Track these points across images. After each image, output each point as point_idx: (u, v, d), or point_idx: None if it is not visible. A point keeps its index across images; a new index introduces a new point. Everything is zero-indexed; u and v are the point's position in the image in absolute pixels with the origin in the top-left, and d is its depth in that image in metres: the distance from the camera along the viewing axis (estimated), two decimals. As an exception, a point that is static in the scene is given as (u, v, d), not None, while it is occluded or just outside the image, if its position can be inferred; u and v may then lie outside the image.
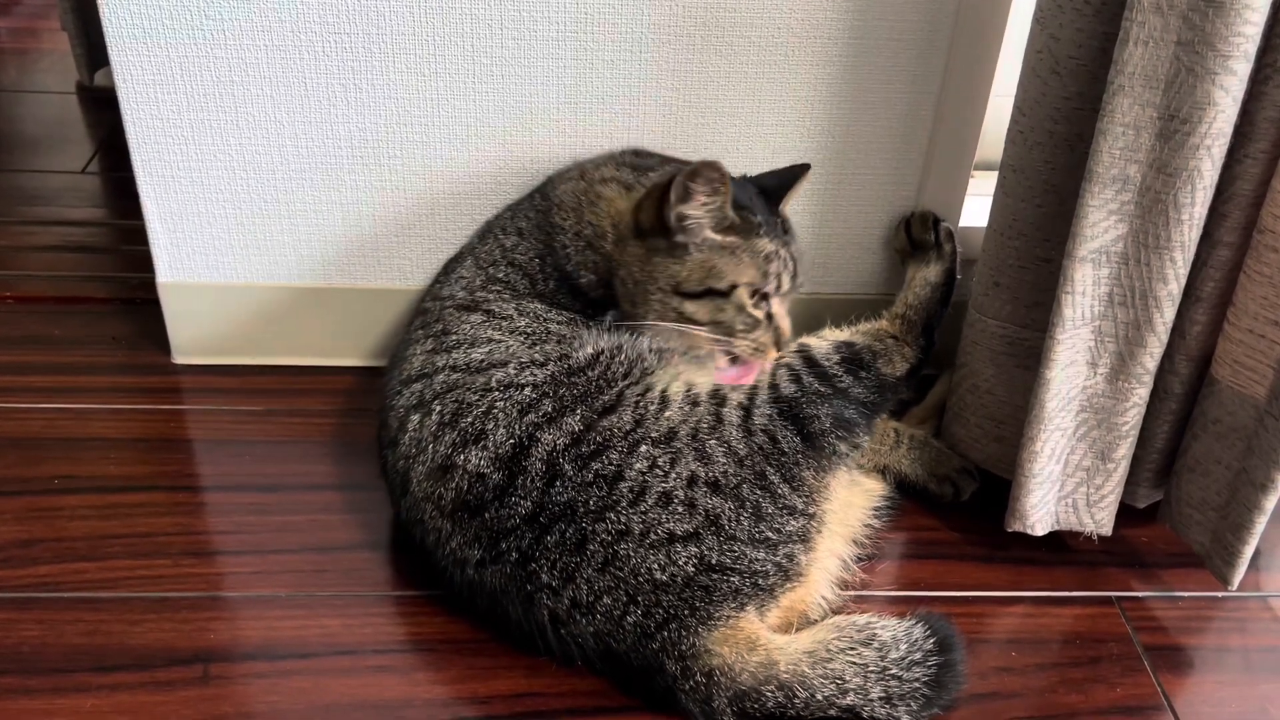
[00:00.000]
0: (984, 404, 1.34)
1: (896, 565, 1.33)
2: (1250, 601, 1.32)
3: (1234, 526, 1.21)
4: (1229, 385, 1.20)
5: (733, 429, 1.19)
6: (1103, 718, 1.16)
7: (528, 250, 1.33)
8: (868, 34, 1.40)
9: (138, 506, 1.33)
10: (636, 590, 1.10)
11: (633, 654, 1.11)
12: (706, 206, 1.23)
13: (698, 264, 1.25)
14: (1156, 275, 1.13)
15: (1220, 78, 1.02)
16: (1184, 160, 1.07)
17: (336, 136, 1.43)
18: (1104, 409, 1.23)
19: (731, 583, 1.12)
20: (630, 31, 1.38)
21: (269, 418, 1.50)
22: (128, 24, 1.34)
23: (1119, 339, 1.19)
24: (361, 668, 1.16)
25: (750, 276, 1.26)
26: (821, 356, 1.27)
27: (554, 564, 1.12)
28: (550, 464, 1.14)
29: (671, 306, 1.26)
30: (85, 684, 1.11)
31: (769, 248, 1.27)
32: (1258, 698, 1.20)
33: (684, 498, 1.13)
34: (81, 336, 1.64)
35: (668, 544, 1.11)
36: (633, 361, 1.24)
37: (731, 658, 1.09)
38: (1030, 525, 1.29)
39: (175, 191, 1.46)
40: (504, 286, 1.31)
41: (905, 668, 1.10)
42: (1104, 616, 1.28)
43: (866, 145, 1.49)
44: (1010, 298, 1.28)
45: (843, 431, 1.22)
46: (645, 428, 1.17)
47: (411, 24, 1.36)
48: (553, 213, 1.34)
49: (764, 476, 1.17)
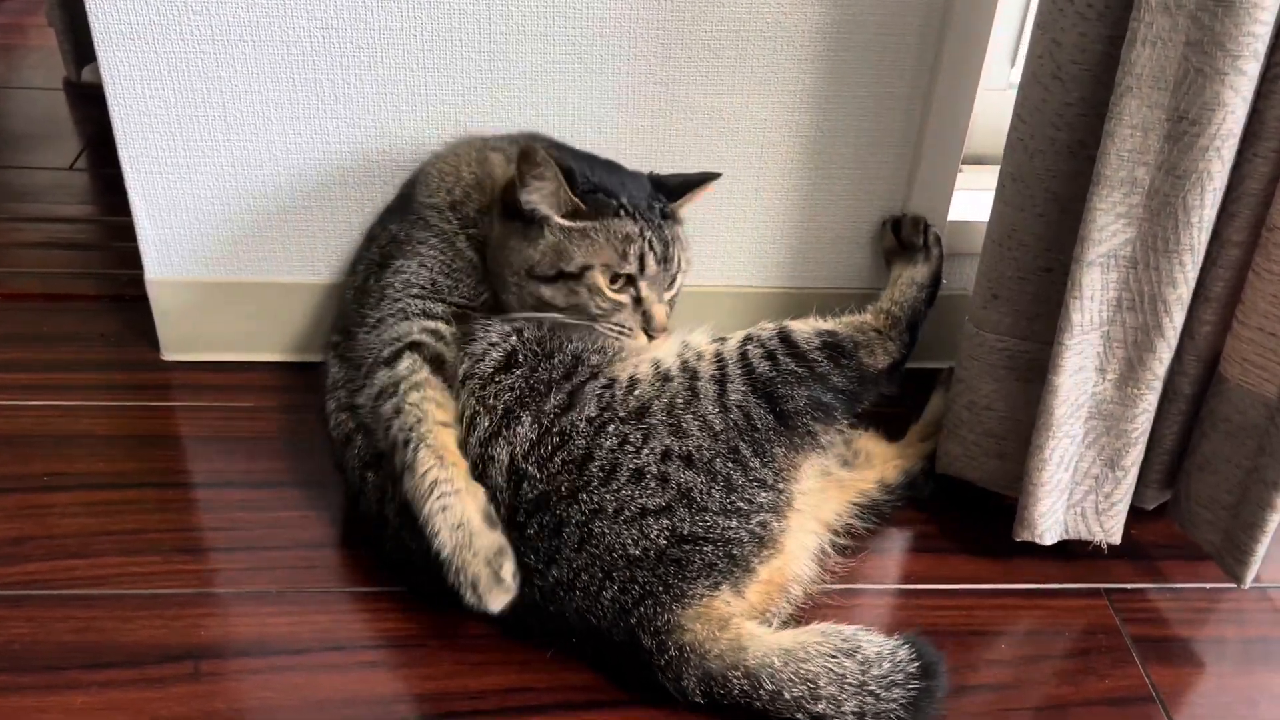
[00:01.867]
0: (982, 420, 1.32)
1: (887, 558, 1.34)
2: (1238, 593, 1.32)
3: (1246, 525, 1.21)
4: (1239, 384, 1.20)
5: (709, 403, 1.20)
6: (1092, 709, 1.17)
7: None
8: (856, 28, 1.40)
9: (128, 503, 1.33)
10: (612, 566, 1.12)
11: (612, 630, 1.12)
12: (542, 192, 1.21)
13: (550, 247, 1.23)
14: (1166, 279, 1.13)
15: (1230, 78, 1.01)
16: (1193, 162, 1.06)
17: (325, 132, 1.43)
18: (1113, 415, 1.22)
19: (705, 555, 1.13)
20: (619, 27, 1.38)
21: (259, 414, 1.49)
22: (115, 20, 1.34)
23: (1128, 344, 1.18)
24: (353, 663, 1.16)
25: (605, 258, 1.23)
26: (802, 340, 1.28)
27: (538, 550, 1.13)
28: (513, 473, 1.15)
29: (528, 291, 1.24)
30: (76, 681, 1.11)
31: (628, 229, 1.23)
32: (1246, 688, 1.21)
33: (657, 472, 1.15)
34: (70, 333, 1.63)
35: (640, 519, 1.13)
36: (576, 357, 1.23)
37: (703, 634, 1.10)
38: (1039, 535, 1.28)
39: (163, 188, 1.46)
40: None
41: (885, 687, 1.08)
42: (1093, 609, 1.29)
43: (854, 140, 1.49)
44: (1010, 310, 1.26)
45: (819, 414, 1.23)
46: (612, 409, 1.18)
47: (399, 19, 1.36)
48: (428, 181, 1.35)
49: (736, 450, 1.18)
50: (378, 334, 1.24)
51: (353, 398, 1.24)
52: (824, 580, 1.25)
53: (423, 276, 1.28)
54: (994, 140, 1.57)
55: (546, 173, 1.20)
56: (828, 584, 1.26)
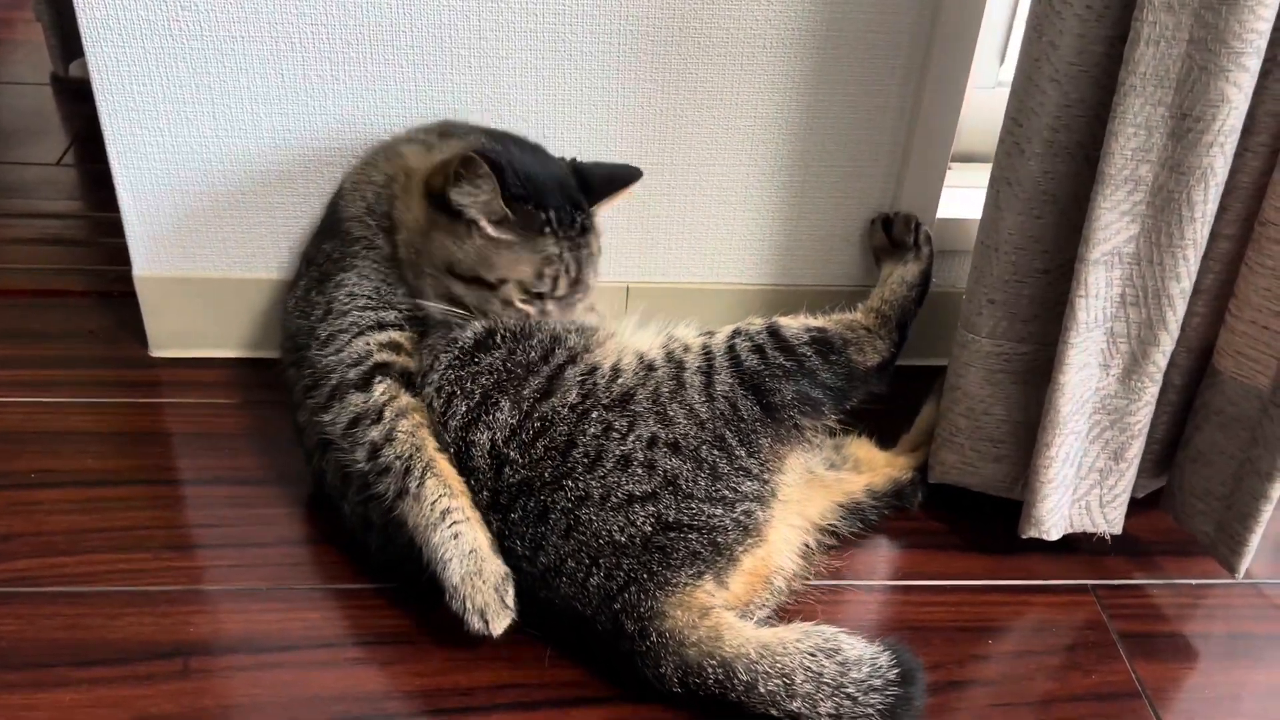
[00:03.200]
0: (980, 426, 1.32)
1: (875, 554, 1.34)
2: (1224, 588, 1.33)
3: (1240, 516, 1.23)
4: (1232, 376, 1.21)
5: (695, 392, 1.20)
6: (1078, 704, 1.17)
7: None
8: (846, 27, 1.41)
9: (116, 500, 1.33)
10: (598, 553, 1.13)
11: (597, 617, 1.12)
12: (476, 197, 1.20)
13: (476, 251, 1.23)
14: (1169, 273, 1.13)
15: (1233, 74, 1.02)
16: (1198, 158, 1.06)
17: (314, 128, 1.43)
18: (1117, 409, 1.23)
19: (690, 542, 1.14)
20: (608, 24, 1.38)
21: (247, 411, 1.49)
22: (102, 14, 1.33)
23: (1131, 339, 1.19)
24: (342, 660, 1.16)
25: (523, 275, 1.23)
26: (791, 335, 1.28)
27: (523, 537, 1.14)
28: (494, 456, 1.16)
29: (444, 284, 1.24)
30: (65, 678, 1.11)
31: (550, 250, 1.23)
32: (1230, 683, 1.22)
33: (643, 459, 1.16)
34: (58, 330, 1.63)
35: (627, 505, 1.14)
36: (553, 339, 1.24)
37: (683, 621, 1.10)
38: (1045, 530, 1.29)
39: (151, 184, 1.45)
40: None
41: (863, 690, 1.08)
42: (1079, 605, 1.30)
43: (844, 138, 1.50)
44: (1006, 314, 1.25)
45: (806, 408, 1.24)
46: (595, 397, 1.18)
47: (388, 15, 1.36)
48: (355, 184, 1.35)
49: (723, 439, 1.19)
50: (334, 351, 1.23)
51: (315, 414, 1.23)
52: (810, 576, 1.26)
53: (365, 287, 1.28)
54: (982, 138, 1.58)
55: (485, 185, 1.19)
56: (815, 580, 1.26)
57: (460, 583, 1.11)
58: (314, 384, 1.24)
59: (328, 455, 1.23)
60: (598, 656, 1.15)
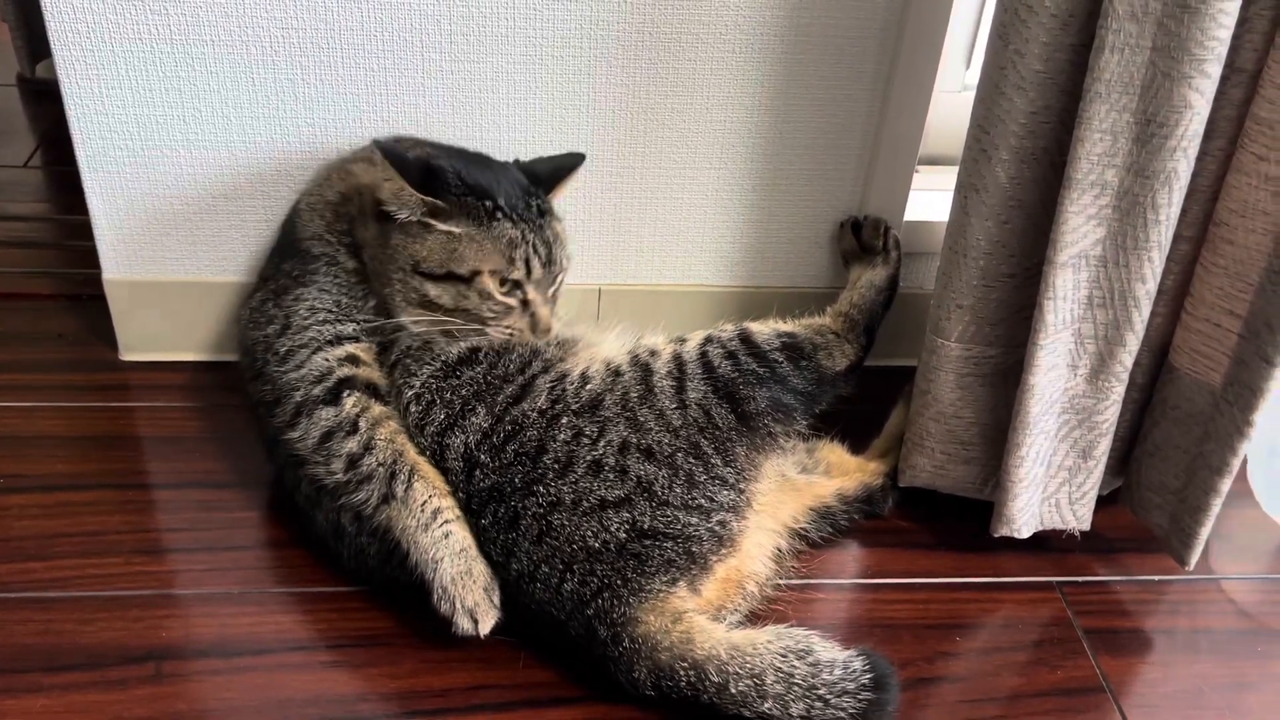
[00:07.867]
0: (950, 429, 1.33)
1: (845, 553, 1.36)
2: (1187, 584, 1.36)
3: (1191, 509, 1.25)
4: (1187, 373, 1.24)
5: (666, 398, 1.21)
6: (1043, 699, 1.19)
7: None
8: (814, 31, 1.42)
9: (86, 504, 1.32)
10: (572, 559, 1.13)
11: (571, 622, 1.13)
12: (392, 192, 1.21)
13: (438, 245, 1.22)
14: (1135, 275, 1.15)
15: (1195, 81, 1.04)
16: (1162, 163, 1.08)
17: (285, 130, 1.43)
18: (1085, 409, 1.25)
19: (664, 551, 1.14)
20: (578, 29, 1.39)
21: (218, 414, 1.49)
22: (70, 15, 1.33)
23: (1098, 339, 1.21)
24: (316, 663, 1.16)
25: (494, 263, 1.23)
26: (762, 341, 1.29)
27: (495, 542, 1.15)
28: (467, 460, 1.17)
29: (413, 288, 1.24)
30: (36, 684, 1.11)
31: (511, 233, 1.23)
32: (1193, 677, 1.24)
33: (615, 464, 1.16)
34: (26, 333, 1.62)
35: (599, 511, 1.14)
36: (532, 352, 1.25)
37: (656, 626, 1.11)
38: (1017, 529, 1.30)
39: (121, 187, 1.45)
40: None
41: (836, 694, 1.08)
42: (1045, 601, 1.31)
43: (812, 141, 1.51)
44: (974, 319, 1.26)
45: (779, 414, 1.25)
46: (565, 402, 1.19)
47: (360, 19, 1.36)
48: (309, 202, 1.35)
49: (698, 447, 1.20)
50: (294, 367, 1.23)
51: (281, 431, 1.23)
52: (782, 576, 1.27)
53: (326, 300, 1.27)
54: (949, 141, 1.60)
55: (388, 177, 1.19)
56: (786, 580, 1.27)
57: (451, 583, 1.12)
58: (275, 400, 1.23)
59: (299, 471, 1.23)
60: (572, 659, 1.16)
